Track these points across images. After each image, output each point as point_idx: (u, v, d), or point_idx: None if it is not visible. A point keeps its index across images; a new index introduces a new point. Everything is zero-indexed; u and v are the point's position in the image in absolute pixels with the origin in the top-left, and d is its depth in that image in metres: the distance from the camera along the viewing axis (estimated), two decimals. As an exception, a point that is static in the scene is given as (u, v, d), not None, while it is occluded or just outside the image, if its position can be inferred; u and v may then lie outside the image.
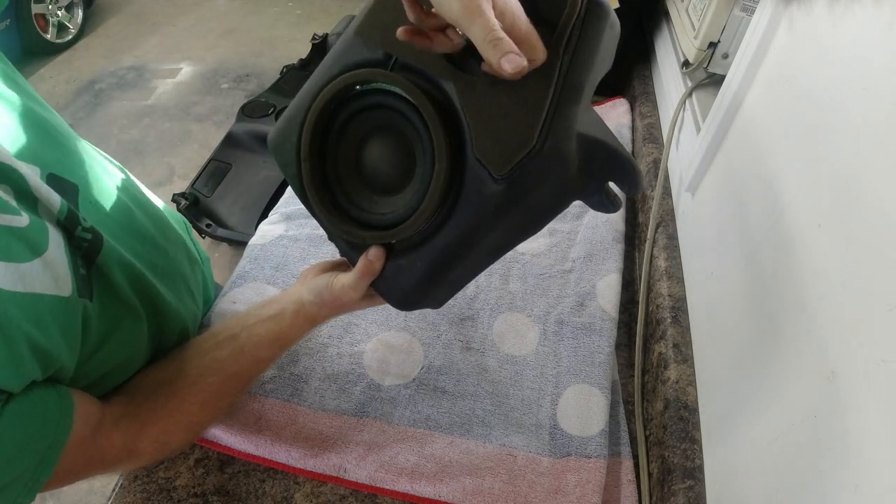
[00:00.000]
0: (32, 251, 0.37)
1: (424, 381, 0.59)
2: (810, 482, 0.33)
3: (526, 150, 0.36)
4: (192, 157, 2.34)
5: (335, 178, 0.43)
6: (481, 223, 0.40)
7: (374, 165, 0.42)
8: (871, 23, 0.36)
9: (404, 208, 0.41)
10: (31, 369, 0.36)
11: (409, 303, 0.46)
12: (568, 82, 0.36)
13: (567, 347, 0.62)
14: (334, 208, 0.43)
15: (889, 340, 0.29)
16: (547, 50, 0.35)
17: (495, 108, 0.37)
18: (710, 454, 0.48)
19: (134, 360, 0.48)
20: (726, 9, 0.71)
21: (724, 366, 0.49)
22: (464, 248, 0.42)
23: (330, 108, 0.41)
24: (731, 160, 0.57)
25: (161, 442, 0.45)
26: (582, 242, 0.73)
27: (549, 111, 0.36)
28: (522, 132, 0.36)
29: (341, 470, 0.52)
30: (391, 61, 0.39)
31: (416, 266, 0.43)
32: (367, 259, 0.43)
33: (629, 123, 0.94)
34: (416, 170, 0.41)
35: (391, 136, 0.41)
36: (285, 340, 0.51)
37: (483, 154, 0.37)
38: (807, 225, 0.39)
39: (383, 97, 0.40)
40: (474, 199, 0.39)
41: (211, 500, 0.50)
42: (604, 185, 0.42)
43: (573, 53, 0.36)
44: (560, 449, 0.54)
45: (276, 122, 0.45)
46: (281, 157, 0.44)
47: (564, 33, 0.36)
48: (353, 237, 0.43)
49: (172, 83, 2.86)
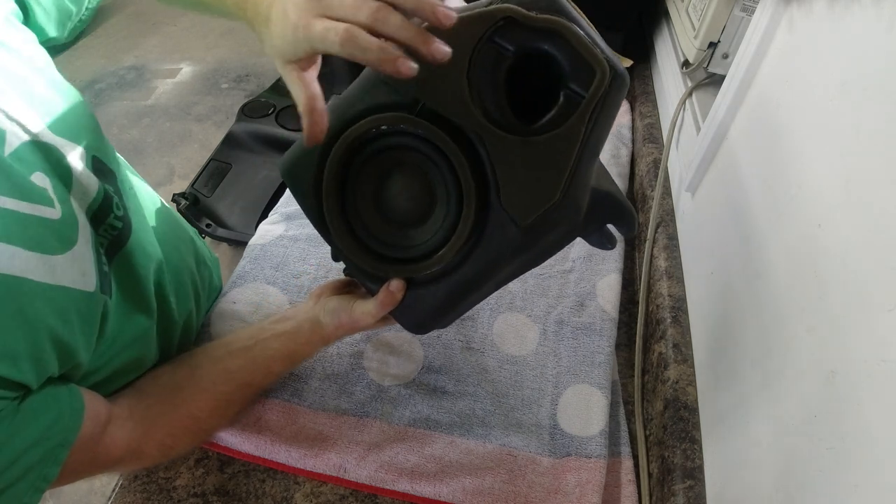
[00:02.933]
0: (64, 244, 0.37)
1: (424, 381, 0.59)
2: (810, 482, 0.33)
3: (550, 203, 0.41)
4: (192, 157, 2.34)
5: (353, 210, 0.45)
6: (499, 260, 0.44)
7: (394, 200, 0.44)
8: (871, 23, 0.36)
9: (426, 244, 0.44)
10: (51, 364, 0.36)
11: (423, 327, 0.50)
12: (589, 145, 0.41)
13: (567, 347, 0.62)
14: (356, 241, 0.45)
15: (889, 340, 0.29)
16: (574, 117, 0.40)
17: (524, 165, 0.41)
18: (710, 454, 0.48)
19: (143, 360, 0.49)
20: (726, 9, 0.71)
21: (724, 366, 0.49)
22: (480, 282, 0.46)
23: (354, 147, 0.42)
24: (731, 160, 0.57)
25: (167, 446, 0.45)
26: (582, 242, 0.73)
27: (571, 170, 0.41)
28: (548, 188, 0.41)
29: (341, 470, 0.52)
30: (418, 105, 0.41)
31: (434, 296, 0.46)
32: (389, 290, 0.45)
33: (629, 123, 0.94)
34: (435, 207, 0.44)
35: (412, 174, 0.43)
36: (298, 356, 0.53)
37: (509, 203, 0.42)
38: (807, 225, 0.39)
39: (409, 139, 0.42)
40: (495, 241, 0.43)
41: (211, 500, 0.50)
42: (604, 228, 0.48)
43: (595, 121, 0.40)
44: (560, 449, 0.54)
45: (291, 149, 0.46)
46: (296, 185, 0.46)
47: (591, 104, 0.40)
48: (377, 270, 0.46)
49: (172, 83, 2.86)
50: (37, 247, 0.35)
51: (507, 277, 0.48)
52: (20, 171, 0.36)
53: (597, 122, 0.41)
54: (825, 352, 0.34)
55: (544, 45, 0.39)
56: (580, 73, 0.40)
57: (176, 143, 2.44)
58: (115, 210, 0.43)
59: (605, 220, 0.47)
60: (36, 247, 0.35)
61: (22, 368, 0.33)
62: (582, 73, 0.40)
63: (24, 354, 0.33)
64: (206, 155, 1.93)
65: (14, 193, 0.35)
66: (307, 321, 0.51)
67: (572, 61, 0.40)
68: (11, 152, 0.36)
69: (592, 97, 0.40)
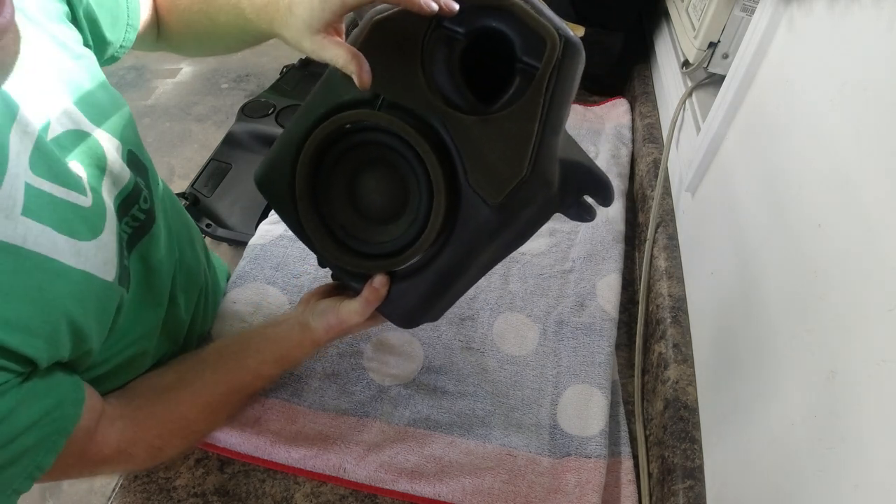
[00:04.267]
0: (92, 231, 0.39)
1: (424, 381, 0.59)
2: (810, 482, 0.33)
3: (517, 179, 0.41)
4: (192, 157, 2.34)
5: (329, 212, 0.45)
6: (477, 243, 0.44)
7: (368, 197, 0.45)
8: (871, 23, 0.36)
9: (403, 237, 0.44)
10: (63, 345, 0.36)
11: (412, 320, 0.50)
12: (550, 117, 0.41)
13: (567, 347, 0.62)
14: (335, 242, 0.45)
15: (889, 340, 0.29)
16: (531, 90, 0.40)
17: (487, 143, 0.41)
18: (710, 454, 0.48)
19: (145, 356, 0.49)
20: (726, 9, 0.71)
21: (724, 366, 0.49)
22: (461, 267, 0.45)
23: (322, 148, 0.43)
24: (731, 160, 0.57)
25: (156, 447, 0.45)
26: (582, 242, 0.73)
27: (535, 143, 0.41)
28: (514, 164, 0.41)
29: (341, 470, 0.52)
30: (379, 100, 0.42)
31: (418, 288, 0.46)
32: (372, 287, 0.46)
33: (629, 123, 0.94)
34: (409, 199, 0.44)
35: (383, 169, 0.44)
36: (289, 360, 0.53)
37: (478, 184, 0.42)
38: (807, 225, 0.39)
39: (374, 134, 0.42)
40: (470, 224, 0.43)
41: (211, 500, 0.50)
42: (580, 199, 0.47)
43: (552, 92, 0.40)
44: (560, 449, 0.54)
45: (263, 160, 0.47)
46: (271, 194, 0.47)
47: (545, 75, 0.40)
48: (358, 268, 0.46)
49: (172, 83, 2.86)
50: (67, 230, 0.36)
51: (491, 261, 0.48)
52: (59, 156, 0.38)
53: (555, 92, 0.40)
54: (825, 352, 0.34)
55: (492, 23, 0.40)
56: (531, 45, 0.40)
57: (176, 143, 2.44)
58: (141, 203, 0.45)
59: (580, 190, 0.47)
60: (66, 230, 0.36)
61: (34, 344, 0.34)
62: (533, 45, 0.40)
63: (38, 331, 0.34)
64: (206, 155, 1.93)
65: (52, 177, 0.37)
66: (297, 325, 0.52)
67: (522, 35, 0.40)
68: (54, 138, 0.38)
69: (545, 67, 0.40)
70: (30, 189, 0.35)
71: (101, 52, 0.48)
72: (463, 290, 0.49)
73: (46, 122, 0.38)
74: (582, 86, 1.15)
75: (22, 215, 0.34)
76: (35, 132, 0.36)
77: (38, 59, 0.39)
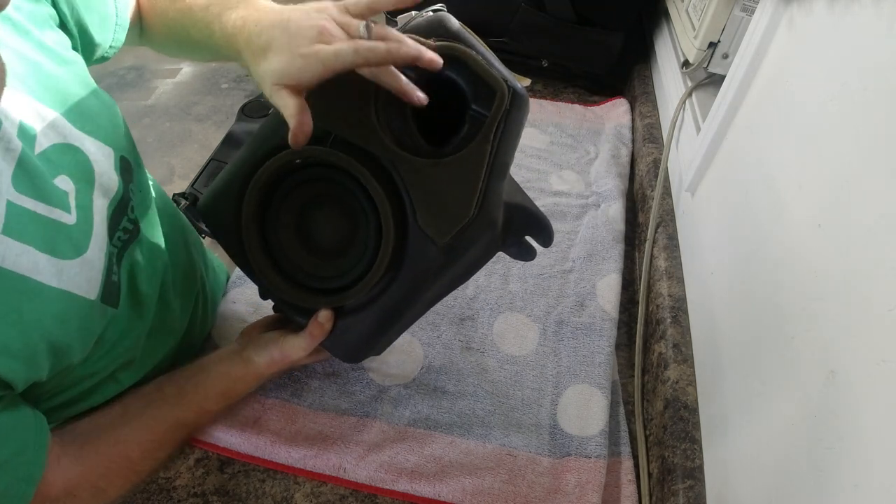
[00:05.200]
0: (75, 250, 0.38)
1: (424, 381, 0.59)
2: (810, 482, 0.33)
3: (464, 220, 0.43)
4: (192, 157, 2.34)
5: (276, 244, 0.45)
6: (423, 282, 0.46)
7: (316, 232, 0.45)
8: (871, 23, 0.36)
9: (350, 273, 0.45)
10: (42, 367, 0.35)
11: (356, 356, 0.51)
12: (496, 162, 0.43)
13: (567, 347, 0.62)
14: (280, 274, 0.45)
15: (889, 340, 0.29)
16: (479, 137, 0.42)
17: (436, 186, 0.43)
18: (710, 454, 0.48)
19: (131, 364, 0.48)
20: (726, 9, 0.71)
21: (724, 366, 0.49)
22: (407, 304, 0.47)
23: (270, 181, 0.43)
24: (731, 160, 0.57)
25: (99, 489, 0.44)
26: (582, 242, 0.73)
27: (482, 187, 0.43)
28: (461, 206, 0.43)
29: (341, 470, 0.52)
30: (330, 137, 0.42)
31: (363, 323, 0.47)
32: (317, 322, 0.46)
33: (629, 123, 0.94)
34: (357, 235, 0.45)
35: (331, 205, 0.44)
36: (233, 394, 0.53)
37: (427, 225, 0.43)
38: (807, 225, 0.39)
39: (324, 170, 0.43)
40: (417, 263, 0.45)
41: (211, 500, 0.50)
42: (522, 240, 0.50)
43: (499, 139, 0.42)
44: (560, 449, 0.54)
45: (209, 190, 0.47)
46: (216, 224, 0.47)
47: (494, 123, 0.42)
48: (304, 302, 0.47)
49: (172, 83, 2.86)
50: (49, 249, 0.35)
51: (435, 297, 0.50)
52: (45, 172, 0.37)
53: (502, 140, 0.42)
54: (825, 352, 0.34)
55: (445, 71, 0.41)
56: (481, 94, 0.42)
57: (176, 143, 2.44)
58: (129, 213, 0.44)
59: (522, 232, 0.50)
60: (48, 248, 0.35)
61: (12, 366, 0.33)
62: (483, 94, 0.42)
63: (16, 353, 0.33)
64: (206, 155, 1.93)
65: (35, 194, 0.36)
66: (239, 360, 0.51)
67: (473, 84, 0.42)
68: (41, 152, 0.37)
69: (494, 116, 0.42)
70: (12, 207, 0.34)
71: (90, 53, 0.47)
72: (407, 325, 0.50)
73: (32, 136, 0.37)
74: (582, 86, 1.15)
75: (2, 234, 0.33)
76: (18, 148, 0.35)
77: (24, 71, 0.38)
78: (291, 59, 0.38)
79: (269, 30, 0.39)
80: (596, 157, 0.88)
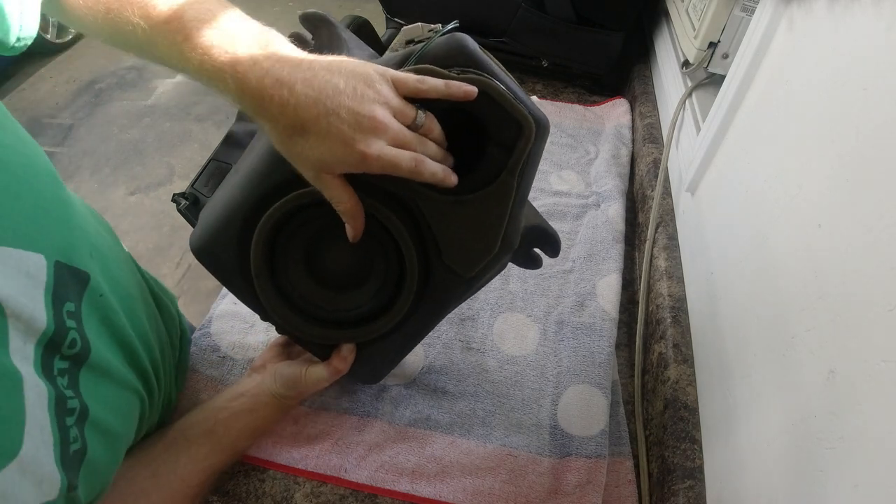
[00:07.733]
0: (4, 455, 0.26)
1: (425, 382, 0.59)
2: (810, 482, 0.34)
3: (490, 255, 0.43)
4: (192, 157, 2.34)
5: (287, 283, 0.45)
6: (444, 309, 0.47)
7: (329, 266, 0.45)
8: (871, 23, 0.36)
9: (370, 304, 0.45)
10: None
11: (376, 379, 0.53)
12: (519, 195, 0.42)
13: (567, 347, 0.62)
14: (297, 313, 0.45)
15: (889, 340, 0.29)
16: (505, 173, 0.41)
17: (461, 224, 0.42)
18: (710, 454, 0.48)
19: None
20: (726, 9, 0.71)
21: (724, 366, 0.49)
22: (427, 328, 0.48)
23: (279, 225, 0.42)
24: (731, 160, 0.57)
25: None
26: (582, 242, 0.73)
27: (507, 221, 0.42)
28: (488, 243, 0.43)
29: (341, 470, 0.52)
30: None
31: (385, 351, 0.48)
32: (341, 356, 0.46)
33: (629, 123, 0.94)
34: (374, 266, 0.44)
35: (341, 236, 0.43)
36: (262, 430, 0.53)
37: (452, 261, 0.43)
38: (807, 225, 0.39)
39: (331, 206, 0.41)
40: (440, 293, 0.45)
41: (211, 500, 0.50)
42: (531, 252, 0.51)
43: (524, 172, 0.41)
44: (560, 449, 0.54)
45: (200, 228, 0.45)
46: (216, 266, 0.45)
47: (520, 160, 0.41)
48: (325, 340, 0.47)
49: (172, 83, 2.86)
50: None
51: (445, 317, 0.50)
52: None
53: (525, 174, 0.41)
54: (825, 352, 0.34)
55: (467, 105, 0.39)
56: (506, 128, 0.40)
57: (176, 143, 2.44)
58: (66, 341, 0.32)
59: (532, 246, 0.50)
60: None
61: None
62: (508, 128, 0.40)
63: None
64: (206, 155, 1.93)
65: None
66: (265, 395, 0.51)
67: (497, 118, 0.40)
68: None
69: (521, 152, 0.40)
70: None
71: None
72: (417, 343, 0.51)
73: None
74: (582, 86, 1.15)
75: None
76: None
77: None
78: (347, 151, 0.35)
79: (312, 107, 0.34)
80: (596, 157, 0.88)
